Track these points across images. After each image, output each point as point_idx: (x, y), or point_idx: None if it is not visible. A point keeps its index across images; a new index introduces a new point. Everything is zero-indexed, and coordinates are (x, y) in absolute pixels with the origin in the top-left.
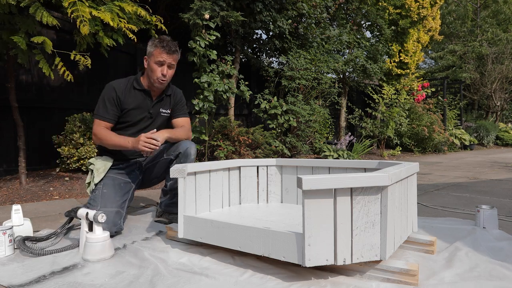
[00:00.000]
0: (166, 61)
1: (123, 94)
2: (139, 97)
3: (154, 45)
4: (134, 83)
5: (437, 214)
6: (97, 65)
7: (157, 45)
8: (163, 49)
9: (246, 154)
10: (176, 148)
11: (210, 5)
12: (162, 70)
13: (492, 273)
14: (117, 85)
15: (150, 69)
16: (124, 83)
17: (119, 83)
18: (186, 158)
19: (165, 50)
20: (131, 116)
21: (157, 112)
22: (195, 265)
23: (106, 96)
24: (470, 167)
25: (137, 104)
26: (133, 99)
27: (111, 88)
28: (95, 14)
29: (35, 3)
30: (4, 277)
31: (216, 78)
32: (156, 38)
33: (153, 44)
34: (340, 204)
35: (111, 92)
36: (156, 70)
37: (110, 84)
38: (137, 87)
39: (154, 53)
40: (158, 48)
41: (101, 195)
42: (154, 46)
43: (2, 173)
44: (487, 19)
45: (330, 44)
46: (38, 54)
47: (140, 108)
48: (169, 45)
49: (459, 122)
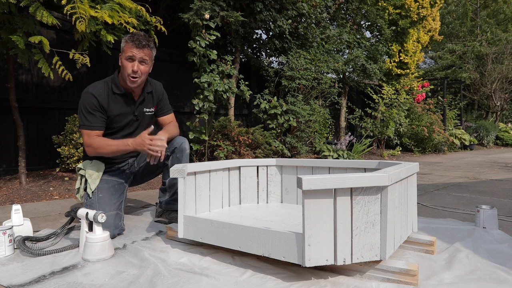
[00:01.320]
0: (136, 56)
1: (105, 101)
2: (121, 101)
3: (125, 40)
4: (112, 87)
5: (437, 214)
6: (97, 65)
7: (127, 40)
8: (132, 43)
9: (246, 154)
10: (171, 144)
11: (210, 5)
12: (132, 66)
13: (492, 276)
14: (96, 91)
15: (122, 66)
16: (102, 88)
17: (97, 89)
18: (182, 153)
19: (134, 44)
20: (117, 122)
21: (142, 113)
22: (195, 265)
23: (88, 104)
24: (470, 167)
25: (120, 109)
26: (116, 104)
27: (90, 96)
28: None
29: (34, 2)
30: (4, 277)
31: (216, 78)
32: (129, 33)
33: (124, 39)
34: (340, 204)
35: (92, 99)
36: (127, 66)
37: (88, 91)
38: (116, 91)
39: (124, 49)
40: (128, 43)
41: (97, 200)
42: (125, 42)
43: (2, 173)
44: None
45: (330, 44)
46: (37, 54)
47: (124, 113)
48: (139, 39)
49: (459, 122)
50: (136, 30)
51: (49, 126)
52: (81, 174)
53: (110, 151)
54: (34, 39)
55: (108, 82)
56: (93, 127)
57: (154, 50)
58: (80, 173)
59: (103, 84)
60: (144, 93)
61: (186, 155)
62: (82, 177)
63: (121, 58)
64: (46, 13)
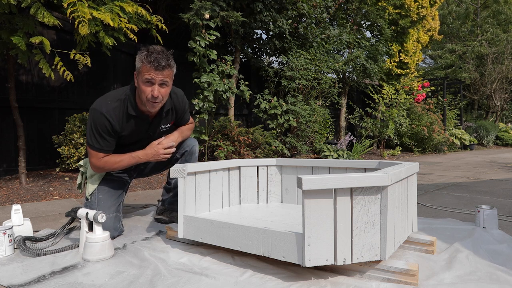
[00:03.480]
0: (155, 79)
1: (119, 124)
2: (135, 122)
3: (140, 60)
4: (128, 107)
5: (437, 214)
6: (98, 65)
7: (143, 61)
8: (150, 65)
9: (246, 154)
10: (182, 146)
11: (210, 5)
12: (152, 90)
13: (492, 277)
14: (110, 113)
15: (139, 89)
16: (117, 108)
17: (111, 109)
18: (191, 156)
19: (153, 66)
20: (128, 139)
21: (156, 129)
22: (195, 265)
23: (100, 127)
24: (470, 167)
25: (133, 129)
26: (130, 126)
27: (103, 118)
28: (95, 15)
29: (36, 3)
30: (4, 277)
31: (216, 78)
32: (144, 50)
33: (140, 58)
34: (340, 204)
35: (105, 122)
36: (146, 91)
37: (101, 111)
38: (132, 113)
39: (141, 70)
40: (144, 64)
41: (97, 201)
42: (141, 62)
43: (2, 173)
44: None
45: (330, 44)
46: (38, 54)
47: (137, 132)
48: (158, 59)
49: (459, 122)
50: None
51: (49, 126)
52: (82, 171)
53: (120, 168)
54: (35, 39)
55: (124, 101)
56: (102, 150)
57: (175, 67)
58: (82, 169)
59: (118, 103)
60: (162, 113)
61: (195, 159)
62: (83, 173)
63: (137, 79)
64: (47, 13)
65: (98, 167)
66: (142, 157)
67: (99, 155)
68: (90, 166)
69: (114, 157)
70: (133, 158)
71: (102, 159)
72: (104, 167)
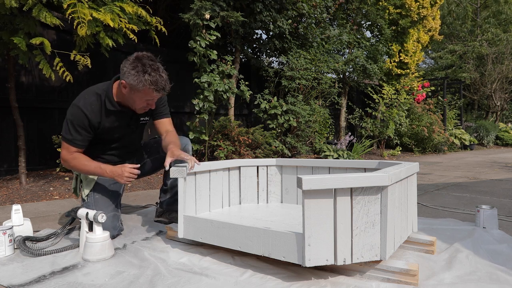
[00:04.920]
0: (154, 99)
1: (96, 119)
2: (114, 116)
3: (141, 81)
4: (107, 103)
5: (437, 214)
6: (97, 65)
7: (146, 84)
8: (157, 92)
9: (246, 154)
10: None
11: (210, 5)
12: (150, 104)
13: (492, 277)
14: (88, 108)
15: (132, 100)
16: (94, 103)
17: (89, 104)
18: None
19: (159, 93)
20: (110, 134)
21: (137, 123)
22: (195, 265)
23: (76, 121)
24: (470, 167)
25: (113, 123)
26: (108, 119)
27: (80, 113)
28: (95, 15)
29: (37, 4)
30: (4, 277)
31: (216, 78)
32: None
33: (139, 77)
34: (340, 204)
35: (81, 117)
36: (139, 103)
37: (79, 105)
38: (110, 108)
39: (143, 91)
40: (149, 89)
41: (94, 201)
42: (142, 84)
43: (2, 173)
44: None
45: (330, 44)
46: (38, 55)
47: (117, 126)
48: (162, 83)
49: (459, 122)
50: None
51: (49, 126)
52: (76, 174)
53: (85, 171)
54: (35, 40)
55: (101, 96)
56: (75, 144)
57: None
58: (75, 172)
59: (96, 98)
60: None
61: None
62: (77, 176)
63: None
64: (48, 14)
65: (66, 160)
66: (108, 172)
67: (70, 148)
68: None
69: (84, 158)
70: (100, 169)
71: (72, 154)
72: (70, 163)
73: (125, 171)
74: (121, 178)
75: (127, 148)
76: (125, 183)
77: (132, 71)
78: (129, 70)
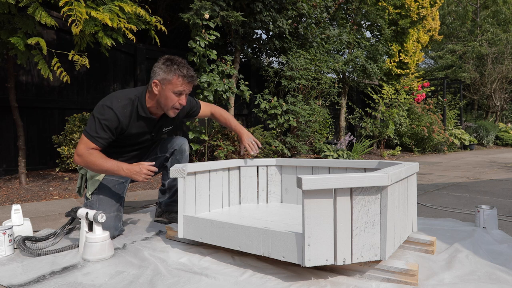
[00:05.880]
0: (186, 91)
1: (126, 123)
2: (142, 123)
3: (171, 71)
4: (139, 108)
5: (437, 214)
6: (97, 65)
7: (176, 72)
8: (185, 78)
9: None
10: (171, 145)
11: (210, 5)
12: (180, 100)
13: (492, 277)
14: (121, 112)
15: (164, 97)
16: (127, 107)
17: (122, 107)
18: (181, 154)
19: (187, 80)
20: (131, 140)
21: (159, 131)
22: (195, 265)
23: (106, 121)
24: (470, 167)
25: (138, 129)
26: (136, 125)
27: (113, 115)
28: (93, 14)
29: (34, 3)
30: (4, 277)
31: (216, 78)
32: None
33: (169, 69)
34: (340, 204)
35: (113, 119)
36: (173, 100)
37: (112, 107)
38: (142, 114)
39: (172, 82)
40: (178, 77)
41: (98, 201)
42: (172, 73)
43: (2, 173)
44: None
45: (330, 44)
46: (37, 55)
47: (142, 132)
48: (190, 72)
49: (459, 122)
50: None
51: (49, 126)
52: (82, 173)
53: (99, 170)
54: (31, 40)
55: (135, 101)
56: (97, 142)
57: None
58: (81, 172)
59: (129, 102)
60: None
61: (186, 157)
62: (82, 176)
63: (163, 88)
64: (44, 13)
65: (81, 155)
66: (125, 170)
67: (90, 144)
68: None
69: (100, 154)
70: (116, 167)
71: (89, 150)
72: (86, 158)
73: (143, 168)
74: (139, 176)
75: (140, 156)
76: (143, 181)
77: (162, 66)
78: (160, 66)
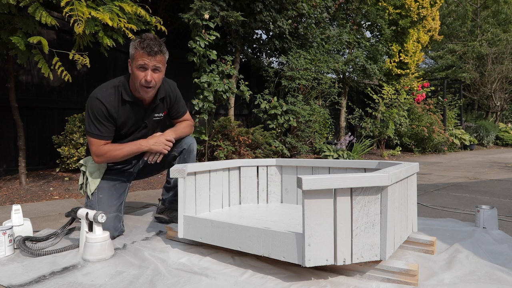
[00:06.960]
0: (148, 65)
1: (114, 109)
2: (130, 108)
3: (134, 46)
4: (122, 93)
5: (437, 214)
6: (97, 65)
7: (137, 47)
8: (143, 50)
9: (246, 154)
10: (180, 144)
11: (210, 5)
12: (145, 75)
13: (492, 277)
14: (105, 99)
15: (133, 75)
16: (112, 94)
17: (106, 95)
18: (189, 154)
19: (146, 52)
20: (125, 129)
21: (150, 117)
22: (195, 265)
23: (97, 112)
24: (470, 167)
25: (129, 117)
26: (125, 112)
27: (99, 103)
28: (94, 14)
29: (34, 2)
30: (4, 277)
31: (216, 78)
32: (137, 38)
33: (133, 45)
34: (340, 204)
35: (101, 107)
36: (139, 76)
37: (96, 97)
38: (126, 98)
39: (135, 56)
40: (138, 50)
41: (97, 201)
42: (134, 48)
43: (2, 173)
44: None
45: (330, 44)
46: (37, 55)
47: (133, 120)
48: (150, 45)
49: (459, 122)
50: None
51: (49, 126)
52: (82, 170)
53: (122, 156)
54: (33, 39)
55: (118, 87)
56: (102, 137)
57: (167, 54)
58: (82, 169)
59: (113, 89)
60: (157, 100)
61: (193, 157)
62: (84, 173)
63: (130, 65)
64: (45, 13)
65: (99, 155)
66: (143, 144)
67: (99, 142)
68: (91, 159)
69: (114, 145)
70: (134, 145)
71: (103, 147)
72: (105, 155)
73: (160, 138)
74: (159, 145)
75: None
76: (162, 151)
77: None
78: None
